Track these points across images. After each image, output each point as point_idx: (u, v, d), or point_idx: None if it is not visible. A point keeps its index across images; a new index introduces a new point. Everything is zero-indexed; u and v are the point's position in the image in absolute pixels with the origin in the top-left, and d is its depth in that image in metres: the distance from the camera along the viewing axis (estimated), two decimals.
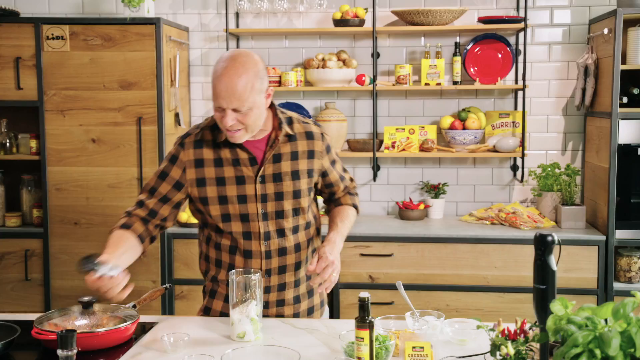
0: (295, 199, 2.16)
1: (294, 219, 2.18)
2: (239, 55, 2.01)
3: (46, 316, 2.03)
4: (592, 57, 3.74)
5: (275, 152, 2.14)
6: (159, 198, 2.17)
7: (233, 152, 2.12)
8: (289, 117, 2.20)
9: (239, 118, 2.01)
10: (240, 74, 1.97)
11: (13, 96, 3.80)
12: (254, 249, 2.15)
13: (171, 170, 2.16)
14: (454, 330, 1.97)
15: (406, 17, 3.87)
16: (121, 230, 2.13)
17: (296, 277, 2.22)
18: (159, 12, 4.14)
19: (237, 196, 2.12)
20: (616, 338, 1.30)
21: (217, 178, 2.13)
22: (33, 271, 3.86)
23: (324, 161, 2.22)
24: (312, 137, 2.19)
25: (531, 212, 3.86)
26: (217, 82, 1.98)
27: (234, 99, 1.97)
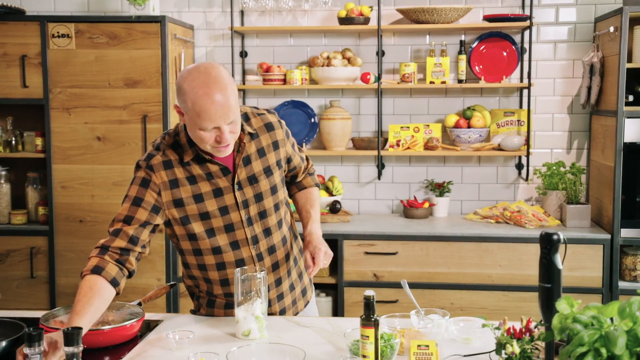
0: (273, 195, 2.16)
1: (277, 214, 2.18)
2: (211, 72, 1.91)
3: (52, 313, 2.04)
4: (598, 56, 3.73)
5: (244, 155, 2.10)
6: (138, 224, 2.01)
7: (203, 167, 2.06)
8: (245, 114, 2.14)
9: (232, 129, 1.95)
10: (225, 87, 1.90)
11: (19, 94, 3.81)
12: (244, 255, 2.13)
13: (145, 195, 2.02)
14: (459, 328, 1.97)
15: (411, 15, 3.87)
16: (92, 277, 1.93)
17: (288, 267, 2.25)
18: (164, 10, 4.14)
19: (219, 209, 2.07)
20: (622, 337, 1.29)
21: (194, 195, 2.05)
22: (38, 269, 3.88)
23: (287, 147, 2.22)
24: (272, 127, 2.16)
25: (536, 210, 3.85)
26: (209, 104, 1.88)
27: (230, 114, 1.91)
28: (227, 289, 2.16)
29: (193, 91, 1.89)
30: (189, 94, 1.89)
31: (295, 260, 2.29)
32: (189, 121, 1.95)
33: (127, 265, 1.99)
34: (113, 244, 1.99)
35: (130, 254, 1.99)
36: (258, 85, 4.06)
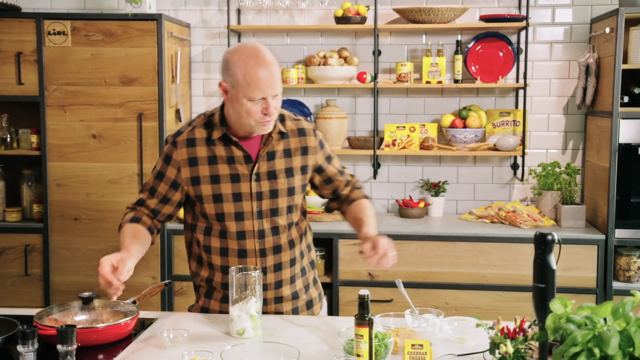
0: (289, 196, 2.17)
1: (288, 216, 2.19)
2: (260, 47, 2.06)
3: (46, 311, 2.03)
4: (594, 57, 3.74)
5: (269, 150, 2.15)
6: (159, 199, 2.19)
7: (228, 150, 2.13)
8: (281, 115, 2.20)
9: (276, 104, 2.05)
10: (273, 61, 2.04)
11: (14, 91, 3.80)
12: (248, 247, 2.15)
13: (167, 171, 2.16)
14: (453, 328, 1.98)
15: (408, 15, 3.87)
16: (132, 224, 2.15)
17: (292, 274, 2.23)
18: (161, 9, 4.14)
19: (232, 194, 2.12)
20: (615, 337, 1.30)
21: (211, 176, 2.12)
22: (33, 266, 3.87)
23: (318, 157, 2.23)
24: (305, 134, 2.21)
25: (531, 210, 3.86)
26: (258, 73, 1.99)
27: (276, 84, 2.03)
28: (226, 279, 2.16)
29: (244, 62, 2.00)
30: (239, 65, 2.01)
31: (304, 270, 2.27)
32: (235, 95, 2.03)
33: (155, 222, 2.21)
34: (138, 208, 2.20)
35: (154, 219, 2.21)
36: None
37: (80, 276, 3.85)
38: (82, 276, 3.85)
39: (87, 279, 3.84)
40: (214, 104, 4.24)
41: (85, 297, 2.08)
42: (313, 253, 2.36)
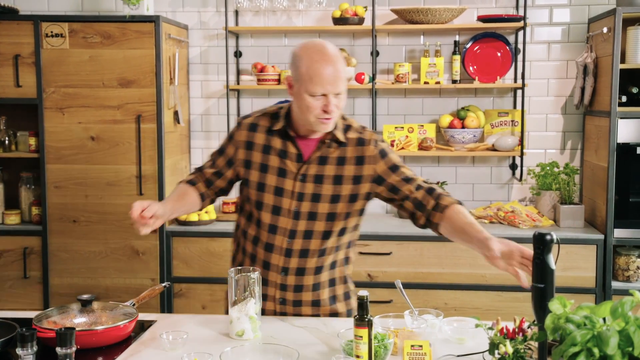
0: (332, 203, 2.12)
1: (327, 224, 2.13)
2: (327, 45, 2.06)
3: (45, 314, 2.03)
4: (591, 56, 3.74)
5: (323, 155, 2.13)
6: (214, 171, 2.27)
7: (283, 144, 2.15)
8: (349, 125, 2.18)
9: (337, 103, 2.04)
10: (339, 58, 2.04)
11: (12, 94, 3.80)
12: (276, 243, 2.15)
13: (227, 147, 2.24)
14: (453, 328, 1.98)
15: (405, 15, 3.87)
16: (186, 185, 2.26)
17: (316, 281, 2.18)
18: (159, 10, 4.14)
19: (275, 187, 2.14)
20: (614, 337, 1.30)
21: (261, 164, 2.16)
22: (32, 269, 3.86)
23: (377, 166, 2.14)
24: (363, 144, 2.14)
25: (530, 211, 3.86)
26: (322, 68, 2.00)
27: (340, 82, 2.02)
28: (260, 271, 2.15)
29: (309, 57, 2.02)
30: (304, 60, 2.03)
31: (333, 282, 2.21)
32: (298, 89, 2.05)
33: (209, 191, 2.29)
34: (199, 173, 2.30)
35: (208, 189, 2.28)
36: (252, 85, 4.06)
37: (79, 278, 3.85)
38: (81, 278, 3.85)
39: (86, 281, 3.84)
40: (213, 105, 4.25)
41: (84, 299, 2.07)
42: (350, 268, 2.28)
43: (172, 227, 3.81)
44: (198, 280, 3.79)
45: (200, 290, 3.80)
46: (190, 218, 3.81)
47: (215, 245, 3.76)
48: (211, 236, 3.77)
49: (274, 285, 2.18)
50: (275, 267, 2.16)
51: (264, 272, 2.18)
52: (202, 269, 3.78)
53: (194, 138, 4.28)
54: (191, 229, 3.79)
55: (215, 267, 3.76)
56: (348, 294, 2.27)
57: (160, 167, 3.76)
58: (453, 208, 2.06)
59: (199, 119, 4.27)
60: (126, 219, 3.80)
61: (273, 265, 2.16)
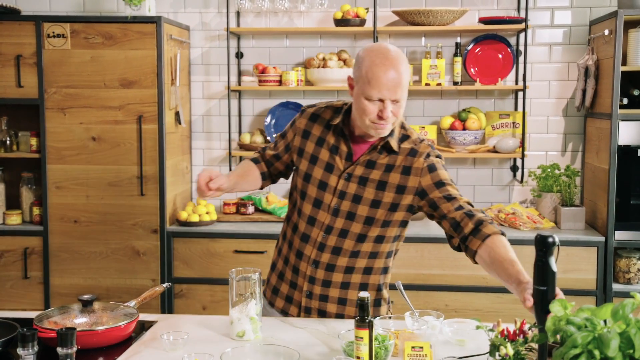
0: (372, 208, 2.10)
1: (364, 227, 2.12)
2: (392, 48, 2.02)
3: (46, 314, 2.03)
4: (593, 58, 3.74)
5: (372, 158, 2.12)
6: (274, 153, 2.33)
7: (337, 140, 2.16)
8: (407, 135, 2.15)
9: (394, 110, 2.01)
10: (400, 64, 1.99)
11: (14, 94, 3.80)
12: (312, 235, 2.16)
13: (288, 132, 2.29)
14: (453, 330, 1.98)
15: (407, 17, 3.87)
16: (250, 163, 2.35)
17: (345, 280, 2.17)
18: (160, 11, 4.14)
19: (320, 181, 2.15)
20: (615, 339, 1.30)
21: (312, 155, 2.19)
22: (33, 269, 3.86)
23: (423, 180, 2.08)
24: (414, 155, 2.11)
25: (531, 212, 3.86)
26: (382, 73, 1.96)
27: (399, 89, 1.99)
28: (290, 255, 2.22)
29: (370, 59, 1.99)
30: (365, 61, 2.00)
31: (365, 286, 2.18)
32: (357, 91, 2.03)
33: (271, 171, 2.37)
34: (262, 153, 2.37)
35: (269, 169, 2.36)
36: (254, 86, 4.06)
37: (80, 279, 3.85)
38: (82, 279, 3.85)
39: (87, 282, 3.84)
40: (214, 106, 4.25)
41: (85, 299, 2.07)
42: (388, 277, 2.26)
43: (173, 228, 3.81)
44: (199, 280, 3.79)
45: (200, 291, 3.80)
46: (191, 218, 3.81)
47: (216, 246, 3.76)
48: (212, 237, 3.77)
49: (303, 276, 2.19)
50: (307, 259, 2.18)
51: (297, 261, 2.20)
52: (203, 270, 3.78)
53: (195, 139, 4.28)
54: (192, 229, 3.79)
55: (216, 268, 3.76)
56: (379, 302, 2.24)
57: (161, 167, 3.76)
58: (495, 239, 1.94)
59: (200, 120, 4.27)
60: (127, 220, 3.80)
61: (305, 255, 2.18)
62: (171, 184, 3.88)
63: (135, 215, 3.80)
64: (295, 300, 2.22)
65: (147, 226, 3.80)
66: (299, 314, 2.21)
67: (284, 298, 2.25)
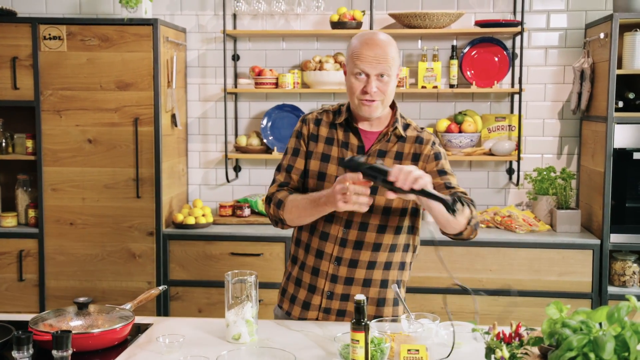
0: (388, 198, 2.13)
1: (383, 217, 2.16)
2: (378, 32, 2.17)
3: (41, 317, 2.03)
4: (588, 62, 3.75)
5: (382, 148, 2.18)
6: (298, 174, 2.25)
7: (346, 136, 2.21)
8: (407, 123, 2.24)
9: (380, 86, 2.09)
10: (387, 41, 2.11)
11: (9, 96, 3.79)
12: (331, 232, 2.17)
13: (300, 145, 2.27)
14: (449, 333, 1.98)
15: (403, 20, 3.88)
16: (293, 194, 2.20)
17: (367, 276, 2.18)
18: (157, 13, 4.14)
19: (335, 176, 2.16)
20: (610, 342, 1.30)
21: (323, 154, 2.21)
22: (28, 271, 3.85)
23: (429, 166, 2.17)
24: (422, 142, 2.20)
25: (527, 215, 3.87)
26: (365, 47, 2.08)
27: (383, 63, 2.07)
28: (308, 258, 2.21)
29: (358, 41, 2.13)
30: (353, 43, 2.14)
31: (384, 283, 2.20)
32: (347, 72, 2.16)
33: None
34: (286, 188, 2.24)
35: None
36: (250, 88, 4.06)
37: (76, 281, 3.84)
38: (77, 281, 3.84)
39: (83, 284, 3.83)
40: (210, 108, 4.25)
41: (80, 302, 2.07)
42: (406, 274, 2.29)
43: (169, 230, 3.80)
44: (194, 283, 3.79)
45: (196, 294, 3.79)
46: (187, 221, 3.81)
47: (212, 249, 3.76)
48: (208, 239, 3.76)
49: (324, 276, 2.19)
50: (329, 257, 2.18)
51: (316, 261, 2.20)
52: (199, 272, 3.77)
53: (192, 141, 4.28)
54: (188, 232, 3.78)
55: (212, 271, 3.75)
56: (396, 301, 2.25)
57: (157, 170, 3.76)
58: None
59: (197, 122, 4.27)
60: (123, 222, 3.80)
61: (326, 254, 2.18)
62: (167, 186, 3.87)
63: (131, 218, 3.79)
64: (313, 305, 2.21)
65: (143, 229, 3.79)
66: (318, 316, 2.21)
67: (300, 305, 2.24)
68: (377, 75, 2.08)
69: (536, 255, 3.55)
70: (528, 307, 3.53)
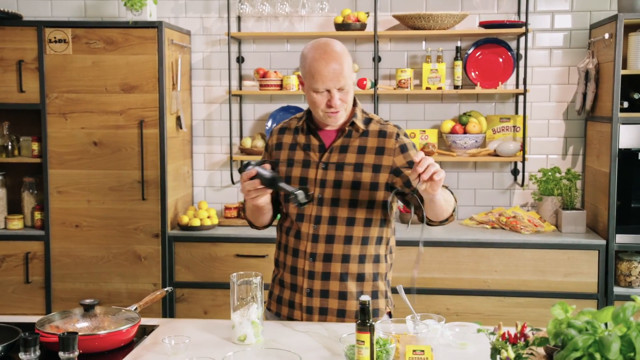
0: (353, 190, 2.20)
1: (350, 210, 2.20)
2: (331, 42, 2.16)
3: (48, 318, 2.03)
4: (593, 62, 3.75)
5: (343, 144, 2.24)
6: None
7: (307, 138, 2.27)
8: (369, 118, 2.29)
9: (342, 97, 2.15)
10: (342, 54, 2.14)
11: (15, 99, 3.81)
12: (303, 230, 2.23)
13: (265, 157, 2.37)
14: (455, 333, 1.98)
15: (407, 21, 3.88)
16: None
17: (343, 270, 2.21)
18: (161, 16, 4.15)
19: (300, 178, 2.24)
20: (616, 342, 1.30)
21: (288, 159, 2.28)
22: (34, 274, 3.87)
23: (397, 159, 2.21)
24: (385, 136, 2.24)
25: (532, 216, 3.86)
26: (322, 66, 2.11)
27: (342, 78, 2.12)
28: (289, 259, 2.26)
29: (312, 55, 2.14)
30: (307, 58, 2.15)
31: (362, 276, 2.23)
32: (306, 86, 2.19)
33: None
34: None
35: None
36: (255, 90, 4.07)
37: (82, 283, 3.85)
38: (83, 283, 3.85)
39: (89, 286, 3.84)
40: (215, 110, 4.26)
41: (86, 304, 2.08)
42: (383, 267, 2.29)
43: (174, 232, 3.81)
44: (200, 285, 3.80)
45: (202, 295, 3.80)
46: (192, 223, 3.82)
47: (217, 250, 3.76)
48: (213, 241, 3.77)
49: (302, 273, 2.23)
50: (303, 254, 2.23)
51: (294, 260, 2.25)
52: (204, 274, 3.78)
53: (197, 143, 4.29)
54: (193, 233, 3.79)
55: (217, 272, 3.76)
56: (376, 294, 2.28)
57: (162, 172, 3.77)
58: None
59: (202, 125, 4.28)
60: (128, 224, 3.81)
61: (301, 251, 2.23)
62: (172, 188, 3.88)
63: (136, 220, 3.80)
64: (297, 304, 2.24)
65: (148, 231, 3.80)
66: (302, 317, 2.23)
67: (287, 304, 2.28)
68: (339, 89, 2.14)
69: (541, 256, 3.55)
70: (533, 307, 3.52)
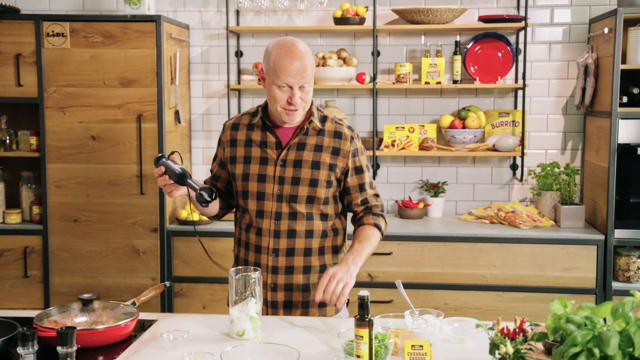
0: (311, 187, 2.25)
1: (308, 206, 2.26)
2: (295, 40, 2.21)
3: (46, 313, 2.03)
4: (592, 57, 3.74)
5: (300, 141, 2.27)
6: (212, 175, 2.45)
7: (263, 135, 2.30)
8: (324, 116, 2.34)
9: (302, 96, 2.20)
10: (306, 54, 2.19)
11: (13, 93, 3.80)
12: (264, 226, 2.27)
13: (218, 151, 2.42)
14: (453, 328, 1.98)
15: (407, 15, 3.87)
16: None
17: (305, 263, 2.28)
18: (160, 10, 4.14)
19: (258, 175, 2.27)
20: (615, 337, 1.30)
21: (245, 157, 2.30)
22: (32, 268, 3.86)
23: (349, 162, 2.30)
24: (341, 137, 2.29)
25: (530, 211, 3.86)
26: (287, 62, 2.15)
27: (305, 76, 2.18)
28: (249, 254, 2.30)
29: (277, 52, 2.18)
30: (272, 54, 2.20)
31: (323, 267, 2.30)
32: (268, 81, 2.23)
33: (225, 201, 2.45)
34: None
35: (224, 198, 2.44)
36: (253, 85, 4.06)
37: (80, 278, 3.85)
38: (81, 278, 3.85)
39: (87, 281, 3.84)
40: (214, 105, 4.25)
41: (85, 298, 2.08)
42: (341, 257, 2.36)
43: (173, 227, 3.81)
44: (198, 279, 3.80)
45: (200, 290, 3.80)
46: (190, 217, 3.81)
47: (216, 245, 3.76)
48: (212, 235, 3.77)
49: (266, 269, 2.27)
50: (266, 250, 2.27)
51: (257, 256, 2.29)
52: (203, 269, 3.78)
53: (195, 138, 4.28)
54: (191, 228, 3.79)
55: (216, 267, 3.76)
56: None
57: None
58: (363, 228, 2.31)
59: (200, 119, 4.27)
60: (127, 218, 3.81)
61: (264, 247, 2.27)
62: None
63: (135, 214, 3.80)
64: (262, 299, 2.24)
65: (147, 225, 3.80)
66: (267, 312, 2.28)
67: None
68: (300, 87, 2.18)
69: (540, 251, 3.55)
70: (532, 302, 3.53)
